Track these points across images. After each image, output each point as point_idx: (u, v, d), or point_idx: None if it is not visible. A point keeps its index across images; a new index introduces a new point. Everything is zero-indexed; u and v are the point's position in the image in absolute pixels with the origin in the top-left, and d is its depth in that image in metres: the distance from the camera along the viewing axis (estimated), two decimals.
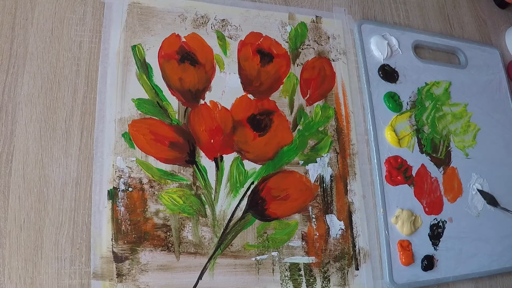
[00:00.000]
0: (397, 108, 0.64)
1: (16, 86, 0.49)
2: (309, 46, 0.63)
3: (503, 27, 0.81)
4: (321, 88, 0.62)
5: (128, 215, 0.48)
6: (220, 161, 0.53)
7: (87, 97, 0.51)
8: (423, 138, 0.65)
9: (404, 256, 0.57)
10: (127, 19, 0.55)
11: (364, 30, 0.66)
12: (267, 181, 0.55)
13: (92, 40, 0.53)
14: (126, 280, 0.46)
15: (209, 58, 0.57)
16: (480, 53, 0.75)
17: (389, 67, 0.66)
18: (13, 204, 0.45)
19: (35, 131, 0.48)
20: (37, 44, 0.51)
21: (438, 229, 0.61)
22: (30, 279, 0.44)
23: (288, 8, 0.64)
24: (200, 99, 0.55)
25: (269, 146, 0.56)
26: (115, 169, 0.49)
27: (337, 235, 0.56)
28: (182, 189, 0.51)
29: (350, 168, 0.59)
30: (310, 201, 0.56)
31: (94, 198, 0.48)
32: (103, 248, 0.47)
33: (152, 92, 0.53)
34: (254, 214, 0.53)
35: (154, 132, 0.52)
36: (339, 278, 0.54)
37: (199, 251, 0.50)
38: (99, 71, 0.52)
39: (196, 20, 0.58)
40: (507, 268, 0.64)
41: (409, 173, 0.62)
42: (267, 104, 0.58)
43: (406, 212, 0.59)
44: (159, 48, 0.55)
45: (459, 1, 0.80)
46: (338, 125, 0.61)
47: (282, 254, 0.53)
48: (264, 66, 0.59)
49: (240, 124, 0.56)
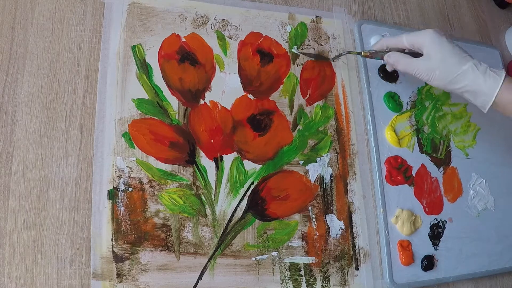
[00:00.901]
0: (397, 108, 0.64)
1: (16, 86, 0.49)
2: (309, 46, 0.63)
3: (503, 27, 0.81)
4: (321, 88, 0.62)
5: (128, 215, 0.48)
6: (220, 161, 0.53)
7: (87, 97, 0.51)
8: (423, 138, 0.65)
9: (404, 256, 0.57)
10: (127, 19, 0.55)
11: (364, 30, 0.66)
12: (267, 181, 0.55)
13: (92, 40, 0.53)
14: (126, 280, 0.46)
15: (209, 58, 0.57)
16: (480, 53, 0.75)
17: None
18: (13, 204, 0.45)
19: (35, 131, 0.48)
20: (37, 44, 0.51)
21: (438, 229, 0.61)
22: (30, 279, 0.44)
23: (288, 8, 0.64)
24: (200, 99, 0.55)
25: (269, 146, 0.56)
26: (115, 169, 0.49)
27: (337, 235, 0.56)
28: (182, 189, 0.51)
29: (350, 168, 0.59)
30: (310, 201, 0.56)
31: (94, 198, 0.48)
32: (103, 248, 0.47)
33: (152, 92, 0.53)
34: (254, 214, 0.53)
35: (154, 132, 0.52)
36: (339, 278, 0.54)
37: (199, 251, 0.50)
38: (99, 71, 0.52)
39: (196, 20, 0.58)
40: (507, 268, 0.64)
41: (409, 173, 0.62)
42: (267, 104, 0.58)
43: (406, 212, 0.59)
44: (159, 48, 0.55)
45: (459, 1, 0.80)
46: (338, 125, 0.61)
47: (282, 254, 0.53)
48: (264, 66, 0.59)
49: (240, 124, 0.56)
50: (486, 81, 0.50)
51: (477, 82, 0.50)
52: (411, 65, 0.53)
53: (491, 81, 0.49)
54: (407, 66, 0.54)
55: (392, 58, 0.56)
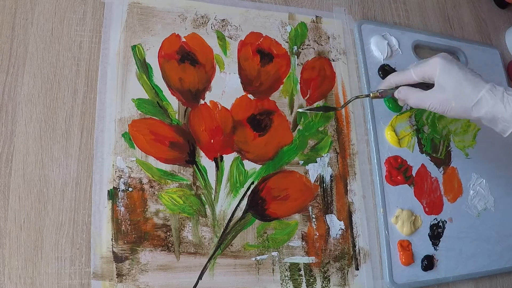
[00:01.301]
0: (397, 108, 0.64)
1: (16, 86, 0.49)
2: (309, 46, 0.63)
3: (503, 27, 0.81)
4: (321, 88, 0.62)
5: (128, 215, 0.48)
6: (220, 161, 0.53)
7: (87, 97, 0.51)
8: (423, 138, 0.65)
9: (404, 256, 0.57)
10: (127, 19, 0.55)
11: (364, 30, 0.66)
12: (267, 181, 0.55)
13: (92, 40, 0.53)
14: (126, 280, 0.46)
15: (209, 58, 0.57)
16: (480, 53, 0.75)
17: (389, 67, 0.66)
18: (13, 204, 0.45)
19: (35, 131, 0.48)
20: (37, 44, 0.51)
21: (438, 229, 0.61)
22: (30, 279, 0.44)
23: (288, 8, 0.64)
24: (200, 99, 0.55)
25: (269, 146, 0.56)
26: (115, 169, 0.49)
27: (337, 235, 0.56)
28: (182, 189, 0.51)
29: (350, 168, 0.59)
30: (310, 201, 0.56)
31: (94, 198, 0.48)
32: (103, 248, 0.47)
33: (152, 92, 0.53)
34: (254, 214, 0.53)
35: (154, 132, 0.52)
36: (339, 278, 0.54)
37: (199, 251, 0.50)
38: (99, 71, 0.52)
39: (196, 20, 0.58)
40: (507, 268, 0.64)
41: (409, 173, 0.62)
42: (267, 104, 0.58)
43: (406, 212, 0.59)
44: (159, 48, 0.55)
45: (459, 1, 0.80)
46: (338, 125, 0.61)
47: (282, 254, 0.53)
48: (264, 66, 0.59)
49: (240, 124, 0.56)
50: (506, 108, 0.46)
51: (496, 109, 0.47)
52: (424, 99, 0.50)
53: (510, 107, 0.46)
54: (419, 101, 0.51)
55: (402, 94, 0.53)
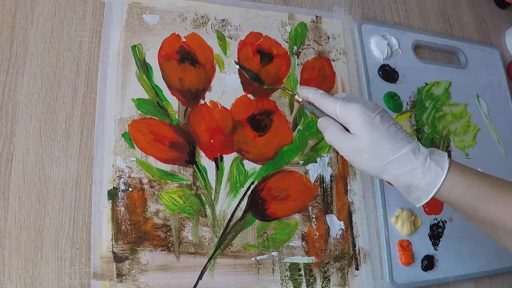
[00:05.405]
0: (397, 108, 0.64)
1: (16, 86, 0.49)
2: (309, 46, 0.63)
3: (503, 27, 0.81)
4: (321, 88, 0.61)
5: (128, 215, 0.48)
6: (220, 161, 0.53)
7: (87, 97, 0.51)
8: (423, 138, 0.65)
9: (404, 256, 0.57)
10: (127, 19, 0.55)
11: (364, 30, 0.66)
12: (267, 181, 0.55)
13: (92, 40, 0.53)
14: (126, 280, 0.46)
15: (209, 58, 0.57)
16: (480, 53, 0.75)
17: (389, 67, 0.66)
18: (13, 204, 0.45)
19: (35, 131, 0.48)
20: (37, 44, 0.51)
21: (438, 229, 0.61)
22: (30, 279, 0.44)
23: (288, 8, 0.64)
24: (200, 99, 0.55)
25: (269, 146, 0.56)
26: (115, 169, 0.49)
27: (337, 235, 0.56)
28: (182, 189, 0.51)
29: (350, 168, 0.59)
30: (310, 201, 0.56)
31: (94, 198, 0.48)
32: (103, 248, 0.46)
33: (152, 92, 0.53)
34: (254, 214, 0.53)
35: (154, 132, 0.52)
36: (339, 278, 0.54)
37: (199, 251, 0.50)
38: (99, 71, 0.52)
39: (196, 20, 0.58)
40: (507, 268, 0.64)
41: None
42: (267, 104, 0.58)
43: (406, 212, 0.59)
44: (159, 48, 0.55)
45: (459, 1, 0.80)
46: None
47: (282, 254, 0.53)
48: (264, 66, 0.59)
49: (240, 124, 0.56)
50: (425, 175, 0.40)
51: (413, 174, 0.41)
52: (338, 140, 0.44)
53: (431, 176, 0.40)
54: (333, 140, 0.44)
55: (322, 124, 0.46)
